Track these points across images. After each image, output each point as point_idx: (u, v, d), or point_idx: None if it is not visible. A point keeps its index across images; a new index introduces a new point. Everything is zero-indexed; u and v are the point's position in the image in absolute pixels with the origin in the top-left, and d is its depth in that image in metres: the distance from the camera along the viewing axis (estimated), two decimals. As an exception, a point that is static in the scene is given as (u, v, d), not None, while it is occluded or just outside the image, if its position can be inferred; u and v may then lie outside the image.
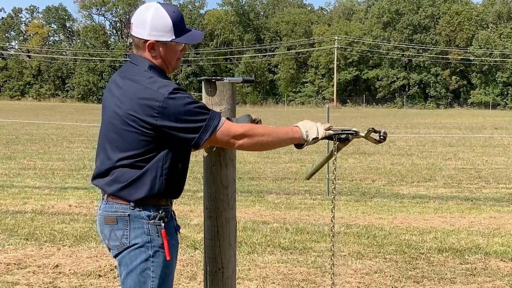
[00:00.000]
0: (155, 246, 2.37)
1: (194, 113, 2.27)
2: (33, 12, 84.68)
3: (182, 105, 2.27)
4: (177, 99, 2.27)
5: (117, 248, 2.44)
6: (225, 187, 2.40)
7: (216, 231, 2.41)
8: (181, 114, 2.26)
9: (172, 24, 2.39)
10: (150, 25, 2.39)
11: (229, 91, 2.37)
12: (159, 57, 2.43)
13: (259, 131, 2.34)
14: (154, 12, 2.40)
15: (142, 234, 2.37)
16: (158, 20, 2.39)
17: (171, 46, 2.42)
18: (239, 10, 77.82)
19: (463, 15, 68.62)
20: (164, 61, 2.44)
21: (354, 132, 2.34)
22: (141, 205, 2.37)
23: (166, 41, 2.40)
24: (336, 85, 68.16)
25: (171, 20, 2.39)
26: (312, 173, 2.77)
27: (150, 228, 2.37)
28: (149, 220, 2.37)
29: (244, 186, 10.34)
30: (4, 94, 76.76)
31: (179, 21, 2.43)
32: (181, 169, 2.42)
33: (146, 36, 2.40)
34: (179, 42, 2.42)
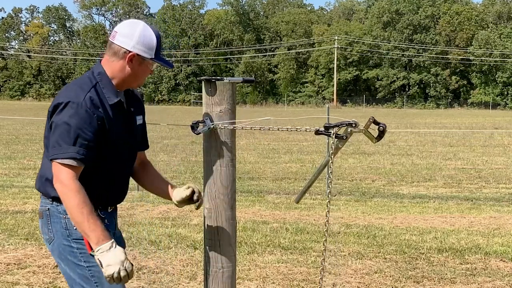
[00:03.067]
0: (76, 238, 2.47)
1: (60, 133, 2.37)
2: (33, 12, 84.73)
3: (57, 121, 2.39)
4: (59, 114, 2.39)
5: (48, 241, 2.58)
6: (225, 187, 2.40)
7: (216, 231, 2.41)
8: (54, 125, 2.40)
9: (156, 44, 2.48)
10: (137, 39, 2.45)
11: (229, 91, 2.37)
12: (131, 71, 2.50)
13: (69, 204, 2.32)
14: (143, 28, 2.48)
15: (61, 228, 2.50)
16: (146, 36, 2.46)
17: (147, 64, 2.50)
18: (239, 10, 77.80)
19: (463, 15, 68.62)
20: (133, 75, 2.51)
21: (354, 122, 2.30)
22: (59, 201, 2.44)
23: (146, 57, 2.47)
24: (336, 85, 68.17)
25: (156, 40, 2.49)
26: (302, 194, 2.74)
27: (67, 222, 2.48)
28: (65, 215, 2.46)
29: (244, 186, 10.34)
30: (4, 94, 76.77)
31: (160, 43, 2.52)
32: (94, 177, 2.48)
33: (130, 47, 2.45)
34: (156, 62, 2.51)
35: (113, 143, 2.50)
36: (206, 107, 2.38)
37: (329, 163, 2.39)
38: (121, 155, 2.59)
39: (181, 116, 37.38)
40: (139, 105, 2.70)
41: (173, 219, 7.43)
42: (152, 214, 7.75)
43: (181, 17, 76.40)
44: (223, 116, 2.35)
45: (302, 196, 2.74)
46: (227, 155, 2.39)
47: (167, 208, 8.14)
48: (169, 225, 7.01)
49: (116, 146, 2.53)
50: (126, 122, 2.58)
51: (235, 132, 2.40)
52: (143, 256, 5.67)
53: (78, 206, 2.30)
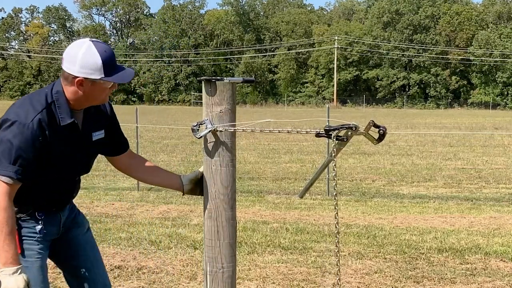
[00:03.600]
0: None
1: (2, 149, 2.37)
2: (33, 12, 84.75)
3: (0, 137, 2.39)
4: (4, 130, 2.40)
5: None
6: (225, 187, 2.40)
7: (216, 231, 2.41)
8: None
9: (101, 63, 2.42)
10: (80, 63, 2.42)
11: (229, 91, 2.37)
12: (85, 93, 2.48)
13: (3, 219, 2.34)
14: (85, 51, 2.42)
15: None
16: (88, 58, 2.41)
17: (100, 84, 2.46)
18: (239, 10, 77.82)
19: (463, 15, 68.63)
20: (89, 96, 2.50)
21: (354, 126, 2.31)
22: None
23: (95, 79, 2.43)
24: (336, 85, 68.17)
25: (101, 59, 2.42)
26: (305, 190, 2.75)
27: None
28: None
29: (244, 186, 10.34)
30: (4, 94, 76.78)
31: (110, 60, 2.45)
32: (34, 188, 2.52)
33: (76, 72, 2.43)
34: (107, 81, 2.46)
35: (57, 163, 2.52)
36: (206, 107, 2.38)
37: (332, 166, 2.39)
38: (67, 172, 2.62)
39: (181, 116, 37.39)
40: (100, 118, 2.70)
41: (173, 219, 7.44)
42: (152, 214, 7.76)
43: (181, 17, 76.41)
44: (223, 116, 2.35)
45: (306, 191, 2.76)
46: (227, 155, 2.39)
47: (167, 208, 8.14)
48: (169, 225, 7.01)
49: (62, 166, 2.56)
50: (79, 141, 2.60)
51: (235, 132, 2.40)
52: (143, 256, 5.67)
53: (1, 223, 2.34)
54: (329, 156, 2.45)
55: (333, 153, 2.37)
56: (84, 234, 2.85)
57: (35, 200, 2.57)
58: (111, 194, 9.50)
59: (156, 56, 74.19)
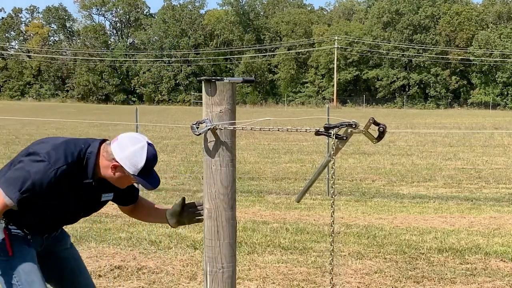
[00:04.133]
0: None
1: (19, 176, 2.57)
2: (33, 12, 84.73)
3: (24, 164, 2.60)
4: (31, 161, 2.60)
5: None
6: (225, 187, 2.40)
7: (216, 231, 2.41)
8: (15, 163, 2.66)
9: (143, 166, 2.66)
10: (127, 155, 2.64)
11: (229, 91, 2.37)
12: (114, 175, 2.70)
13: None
14: (138, 149, 2.67)
15: None
16: (136, 156, 2.65)
17: (129, 177, 2.69)
18: (239, 10, 77.79)
19: (463, 15, 68.61)
20: (113, 179, 2.72)
21: (354, 123, 2.30)
22: None
23: (128, 172, 2.66)
24: (336, 85, 68.15)
25: (144, 162, 2.67)
26: (302, 194, 2.74)
27: None
28: None
29: (244, 186, 10.34)
30: (4, 94, 76.77)
31: (150, 165, 2.71)
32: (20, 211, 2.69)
33: (118, 158, 2.65)
34: (136, 179, 2.69)
35: (61, 207, 2.72)
36: (206, 107, 2.37)
37: (330, 164, 2.38)
38: (67, 215, 2.83)
39: (181, 116, 37.39)
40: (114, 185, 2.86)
41: (173, 219, 7.43)
42: (152, 214, 7.75)
43: (181, 17, 76.38)
44: (223, 116, 2.35)
45: (303, 195, 2.75)
46: (227, 155, 2.39)
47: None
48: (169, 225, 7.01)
49: (64, 210, 2.76)
50: (88, 198, 2.80)
51: (235, 132, 2.40)
52: (143, 256, 5.67)
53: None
54: (328, 157, 2.44)
55: (332, 151, 2.37)
56: (66, 249, 3.01)
57: (27, 223, 2.75)
58: (111, 194, 9.49)
59: (156, 56, 74.16)
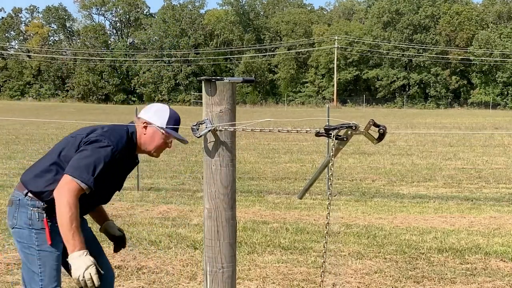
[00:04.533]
0: (37, 229, 2.92)
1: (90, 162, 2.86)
2: (33, 12, 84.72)
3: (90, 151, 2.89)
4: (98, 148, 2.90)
5: (10, 226, 3.02)
6: (225, 187, 2.40)
7: (216, 231, 2.41)
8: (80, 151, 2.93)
9: (168, 116, 3.08)
10: (153, 112, 3.09)
11: (229, 91, 2.37)
12: (147, 135, 3.06)
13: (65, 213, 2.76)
14: (161, 107, 3.13)
15: (25, 217, 2.94)
16: (160, 111, 3.10)
17: (159, 132, 3.06)
18: (239, 10, 77.79)
19: (463, 15, 68.60)
20: (147, 140, 3.07)
21: (354, 125, 2.31)
22: (34, 196, 2.93)
23: (157, 126, 3.04)
24: (336, 85, 68.14)
25: (169, 115, 3.09)
26: (305, 191, 2.74)
27: (33, 215, 2.93)
28: (33, 208, 2.93)
29: (244, 186, 10.34)
30: (4, 94, 76.75)
31: (175, 120, 3.12)
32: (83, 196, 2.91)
33: (146, 118, 3.06)
34: (167, 134, 3.05)
35: (110, 181, 3.04)
36: (206, 107, 2.37)
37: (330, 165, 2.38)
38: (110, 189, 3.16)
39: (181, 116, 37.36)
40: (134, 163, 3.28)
41: (173, 219, 7.43)
42: (152, 214, 7.76)
43: (181, 17, 76.36)
44: (223, 116, 2.35)
45: (305, 192, 2.76)
46: (227, 155, 2.39)
47: (167, 208, 8.15)
48: (169, 225, 7.01)
49: (111, 184, 3.08)
50: (125, 170, 3.16)
51: (235, 132, 2.40)
52: (143, 256, 5.67)
53: (71, 218, 2.75)
54: (328, 156, 2.45)
55: (332, 152, 2.37)
56: (87, 230, 3.25)
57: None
58: (111, 194, 9.48)
59: (156, 56, 74.15)
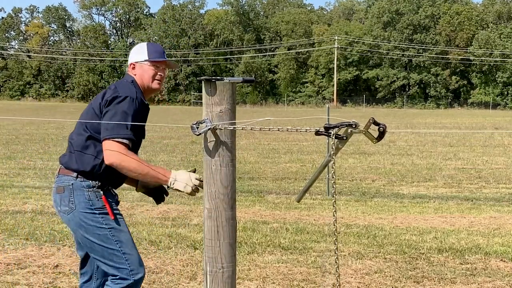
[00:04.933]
0: (98, 207, 3.03)
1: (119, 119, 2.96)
2: (33, 12, 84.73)
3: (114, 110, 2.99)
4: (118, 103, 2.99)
5: (66, 212, 3.07)
6: (225, 187, 2.40)
7: (216, 231, 2.41)
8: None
9: (146, 46, 3.22)
10: (133, 52, 3.27)
11: (229, 91, 2.37)
12: (138, 76, 3.22)
13: (132, 165, 2.90)
14: (138, 46, 3.30)
15: (84, 200, 3.03)
16: (137, 47, 3.28)
17: (144, 65, 3.21)
18: (239, 10, 77.80)
19: (463, 15, 68.62)
20: (142, 79, 3.22)
21: (354, 123, 2.30)
22: (84, 176, 3.04)
23: (140, 60, 3.21)
24: (336, 85, 68.16)
25: (146, 44, 3.25)
26: (303, 194, 2.74)
27: (90, 195, 3.04)
28: (89, 189, 3.04)
29: (244, 186, 10.34)
30: (4, 94, 76.76)
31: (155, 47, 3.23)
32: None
33: (131, 60, 3.25)
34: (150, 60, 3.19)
35: (140, 134, 3.13)
36: (206, 107, 2.37)
37: (330, 164, 2.38)
38: (138, 145, 3.22)
39: (181, 116, 37.40)
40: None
41: (173, 219, 7.43)
42: (152, 214, 7.75)
43: (181, 17, 76.38)
44: (223, 116, 2.35)
45: (303, 195, 2.75)
46: (227, 155, 2.39)
47: (167, 208, 8.14)
48: (169, 225, 7.01)
49: (139, 138, 3.16)
50: (144, 117, 3.19)
51: (235, 132, 2.40)
52: (143, 256, 5.66)
53: (139, 164, 2.91)
54: (328, 157, 2.44)
55: (332, 151, 2.37)
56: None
57: (111, 174, 3.06)
58: (111, 194, 9.48)
59: (156, 56, 74.07)
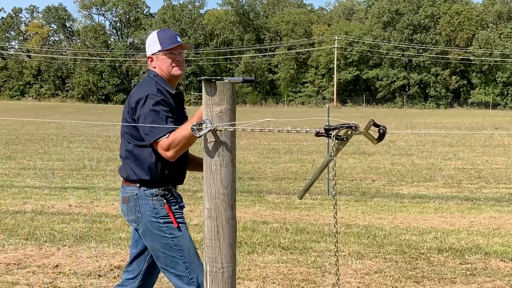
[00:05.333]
0: (163, 216, 3.10)
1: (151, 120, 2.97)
2: (33, 12, 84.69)
3: (143, 113, 3.02)
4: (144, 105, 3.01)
5: (134, 221, 3.17)
6: (225, 187, 2.39)
7: (216, 231, 2.41)
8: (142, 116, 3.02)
9: (158, 38, 3.17)
10: (147, 45, 3.25)
11: (229, 91, 2.37)
12: (157, 68, 3.20)
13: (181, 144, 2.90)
14: (149, 36, 3.25)
15: (149, 208, 3.10)
16: (149, 38, 3.23)
17: (159, 56, 3.18)
18: (239, 10, 77.76)
19: (463, 15, 68.59)
20: (161, 70, 3.19)
21: (354, 125, 2.30)
22: (146, 185, 3.10)
23: (154, 52, 3.18)
24: (336, 85, 68.14)
25: (156, 33, 3.20)
26: (304, 191, 2.74)
27: (155, 203, 3.10)
28: (152, 198, 3.10)
29: (244, 186, 10.34)
30: (4, 94, 76.72)
31: (165, 35, 3.18)
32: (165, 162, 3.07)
33: (148, 53, 3.24)
34: (162, 50, 3.14)
35: (181, 120, 3.08)
36: (206, 107, 2.37)
37: (331, 165, 2.38)
38: None
39: (181, 116, 37.31)
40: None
41: (173, 219, 7.43)
42: (152, 214, 7.74)
43: (181, 17, 76.37)
44: (223, 116, 2.35)
45: (305, 193, 2.76)
46: (227, 155, 2.39)
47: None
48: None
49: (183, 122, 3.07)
50: (180, 106, 3.23)
51: (235, 132, 2.40)
52: (143, 256, 5.66)
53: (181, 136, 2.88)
54: (328, 156, 2.44)
55: (332, 152, 2.37)
56: None
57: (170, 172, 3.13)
58: (111, 194, 9.49)
59: (156, 56, 74.09)
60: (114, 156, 14.62)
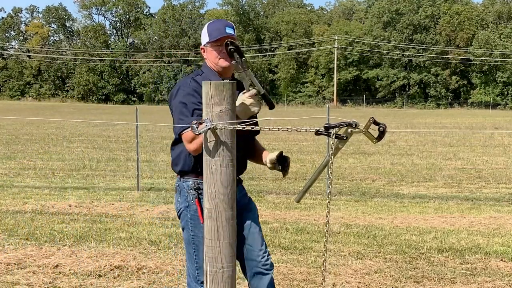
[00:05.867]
0: (191, 210, 3.14)
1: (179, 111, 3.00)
2: (33, 12, 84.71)
3: (175, 106, 3.05)
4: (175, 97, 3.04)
5: (177, 211, 3.27)
6: (225, 187, 2.39)
7: (216, 231, 2.41)
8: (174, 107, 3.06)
9: (208, 30, 3.14)
10: (201, 37, 3.22)
11: (229, 91, 2.37)
12: (208, 59, 3.19)
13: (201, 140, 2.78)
14: (203, 29, 3.21)
15: (184, 200, 3.17)
16: (203, 30, 3.21)
17: (207, 48, 3.16)
18: (239, 10, 77.78)
19: (463, 15, 68.59)
20: (211, 61, 3.17)
21: (354, 123, 2.30)
22: (184, 176, 3.16)
23: (204, 44, 3.18)
24: (336, 85, 68.14)
25: (207, 27, 3.17)
26: (302, 194, 2.74)
27: (188, 196, 3.14)
28: (188, 190, 3.14)
29: (244, 186, 10.33)
30: (4, 94, 76.74)
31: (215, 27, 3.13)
32: None
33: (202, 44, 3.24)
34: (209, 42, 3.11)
35: None
36: (206, 107, 2.37)
37: (329, 164, 2.37)
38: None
39: (181, 116, 37.29)
40: None
41: (173, 219, 7.43)
42: (152, 214, 7.76)
43: (181, 17, 76.37)
44: (223, 116, 2.35)
45: (303, 195, 2.75)
46: (227, 155, 2.39)
47: (167, 208, 8.14)
48: (169, 225, 7.01)
49: None
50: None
51: (235, 132, 2.39)
52: (143, 256, 5.67)
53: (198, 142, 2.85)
54: (327, 157, 2.44)
55: (331, 150, 2.36)
56: (252, 218, 3.56)
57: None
58: (111, 194, 9.49)
59: (156, 56, 74.16)
60: (114, 156, 14.63)
